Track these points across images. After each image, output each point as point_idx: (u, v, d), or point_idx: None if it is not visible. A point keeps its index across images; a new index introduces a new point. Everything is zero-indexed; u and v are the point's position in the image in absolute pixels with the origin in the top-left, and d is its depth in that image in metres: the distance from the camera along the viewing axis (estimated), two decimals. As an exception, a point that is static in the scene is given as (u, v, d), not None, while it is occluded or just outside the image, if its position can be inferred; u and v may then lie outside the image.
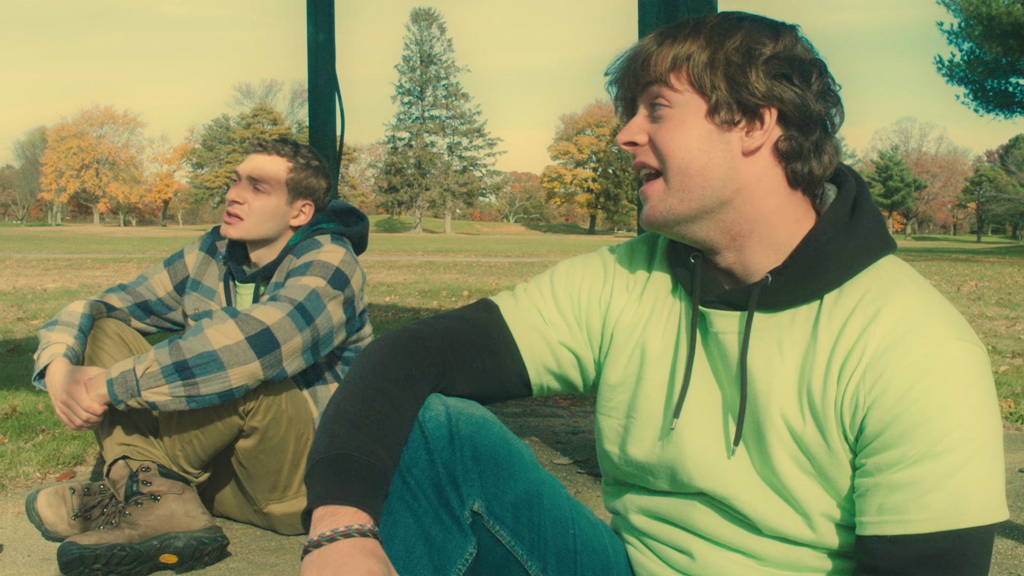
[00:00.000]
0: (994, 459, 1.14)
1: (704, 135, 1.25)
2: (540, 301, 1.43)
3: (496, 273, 18.48)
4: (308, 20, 4.68)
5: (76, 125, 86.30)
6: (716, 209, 1.26)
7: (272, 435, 2.53)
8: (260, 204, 2.66)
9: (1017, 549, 2.63)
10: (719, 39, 1.24)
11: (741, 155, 1.25)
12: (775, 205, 1.26)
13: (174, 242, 38.29)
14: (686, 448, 1.32)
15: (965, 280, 17.41)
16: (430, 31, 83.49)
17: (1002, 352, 6.79)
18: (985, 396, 1.15)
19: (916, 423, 1.13)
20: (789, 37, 1.25)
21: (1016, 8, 35.97)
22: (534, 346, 1.42)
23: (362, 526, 1.15)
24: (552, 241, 56.57)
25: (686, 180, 1.26)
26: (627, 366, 1.39)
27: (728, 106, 1.23)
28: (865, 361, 1.17)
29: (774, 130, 1.24)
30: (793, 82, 1.22)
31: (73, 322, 2.58)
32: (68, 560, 2.27)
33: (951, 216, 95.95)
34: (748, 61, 1.22)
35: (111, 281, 14.47)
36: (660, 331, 1.37)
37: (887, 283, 1.22)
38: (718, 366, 1.31)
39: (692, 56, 1.24)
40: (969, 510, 1.12)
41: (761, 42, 1.23)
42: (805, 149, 1.24)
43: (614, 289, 1.42)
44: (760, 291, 1.25)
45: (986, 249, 48.83)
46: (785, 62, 1.23)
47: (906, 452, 1.13)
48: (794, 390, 1.22)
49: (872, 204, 1.29)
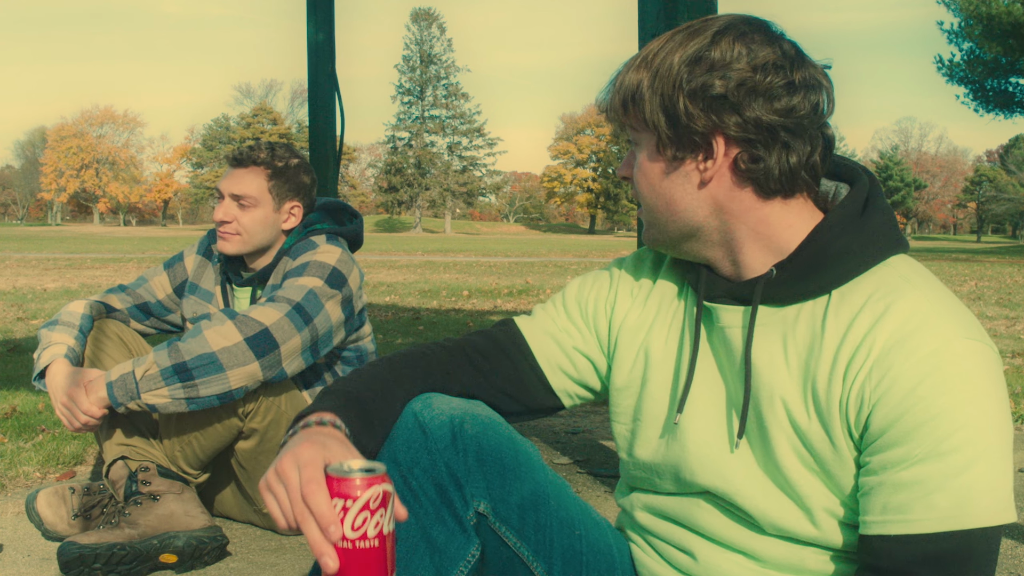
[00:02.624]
0: (1002, 460, 1.13)
1: (661, 171, 1.26)
2: (552, 311, 1.49)
3: (496, 273, 18.48)
4: (308, 20, 4.68)
5: (76, 125, 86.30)
6: (695, 234, 1.28)
7: (272, 436, 2.53)
8: (248, 218, 2.65)
9: (1017, 549, 2.63)
10: (655, 70, 1.22)
11: (701, 184, 1.24)
12: (758, 218, 1.25)
13: (174, 242, 38.29)
14: (689, 444, 1.32)
15: (965, 280, 17.40)
16: (430, 31, 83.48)
17: (1002, 352, 6.80)
18: (994, 396, 1.14)
19: (922, 421, 1.12)
20: (726, 43, 1.20)
21: (1016, 8, 35.96)
22: (548, 350, 1.46)
23: (321, 419, 1.22)
24: (552, 241, 56.57)
25: (656, 215, 1.30)
26: (632, 370, 1.40)
27: (672, 142, 1.23)
28: (872, 358, 1.15)
29: (730, 151, 1.22)
30: (734, 101, 1.18)
31: (73, 322, 2.58)
32: (68, 560, 2.27)
33: (951, 216, 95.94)
34: (679, 93, 1.20)
35: (111, 281, 14.47)
36: (664, 333, 1.38)
37: (897, 280, 1.20)
38: (723, 361, 1.31)
39: (635, 93, 1.24)
40: (975, 511, 1.11)
41: (695, 62, 1.19)
42: (769, 161, 1.21)
43: (618, 294, 1.45)
44: (765, 284, 1.25)
45: (986, 249, 48.82)
46: (725, 81, 1.18)
47: (911, 450, 1.12)
48: (799, 385, 1.22)
49: (885, 203, 1.28)
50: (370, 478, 1.04)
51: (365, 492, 1.02)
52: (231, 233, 2.65)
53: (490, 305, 10.94)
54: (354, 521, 1.02)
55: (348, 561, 1.03)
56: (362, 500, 1.02)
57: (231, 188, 2.64)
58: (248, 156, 2.65)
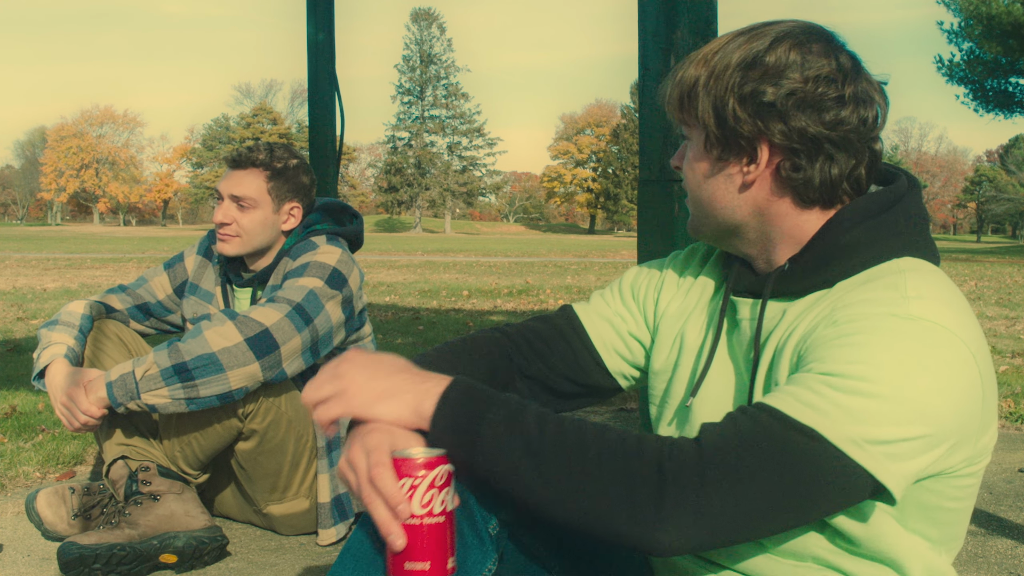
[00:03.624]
0: (897, 425, 1.08)
1: (708, 168, 1.29)
2: (609, 296, 1.54)
3: (496, 273, 18.47)
4: (308, 20, 4.68)
5: (76, 125, 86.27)
6: (735, 231, 1.31)
7: (271, 437, 2.52)
8: (248, 220, 2.64)
9: (1017, 549, 2.63)
10: (712, 68, 1.25)
11: (743, 186, 1.27)
12: (794, 223, 1.27)
13: (174, 242, 38.29)
14: (697, 424, 1.33)
15: (965, 280, 17.40)
16: (430, 31, 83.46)
17: (1002, 352, 6.79)
18: (932, 377, 1.10)
19: (841, 343, 1.12)
20: (782, 50, 1.21)
21: (1016, 8, 35.96)
22: (603, 333, 1.50)
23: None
24: (552, 241, 56.57)
25: (699, 207, 1.34)
26: (668, 355, 1.44)
27: (719, 142, 1.25)
28: (833, 308, 1.18)
29: (773, 159, 1.24)
30: (782, 109, 1.20)
31: (73, 322, 2.58)
32: (68, 560, 2.27)
33: (951, 216, 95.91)
34: (731, 95, 1.22)
35: (111, 281, 14.47)
36: (698, 323, 1.41)
37: (893, 274, 1.20)
38: (737, 353, 1.34)
39: (691, 90, 1.26)
40: (834, 426, 1.07)
41: (750, 66, 1.21)
42: (811, 171, 1.22)
43: (665, 282, 1.49)
44: (777, 278, 1.28)
45: (986, 249, 48.82)
46: (776, 89, 1.20)
47: (816, 360, 1.13)
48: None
49: (917, 208, 1.28)
50: (434, 458, 1.11)
51: (432, 470, 1.10)
52: (231, 235, 2.64)
53: (490, 305, 10.94)
54: (423, 498, 1.09)
55: (417, 537, 1.10)
56: (429, 477, 1.10)
57: (230, 189, 2.64)
58: (247, 157, 2.65)
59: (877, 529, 1.21)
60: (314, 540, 2.69)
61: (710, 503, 1.06)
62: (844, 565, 1.24)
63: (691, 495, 1.06)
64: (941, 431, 1.12)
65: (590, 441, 1.10)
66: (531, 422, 1.13)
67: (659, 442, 1.10)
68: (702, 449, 1.08)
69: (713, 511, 1.06)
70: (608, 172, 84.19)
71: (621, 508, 1.07)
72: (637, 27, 3.08)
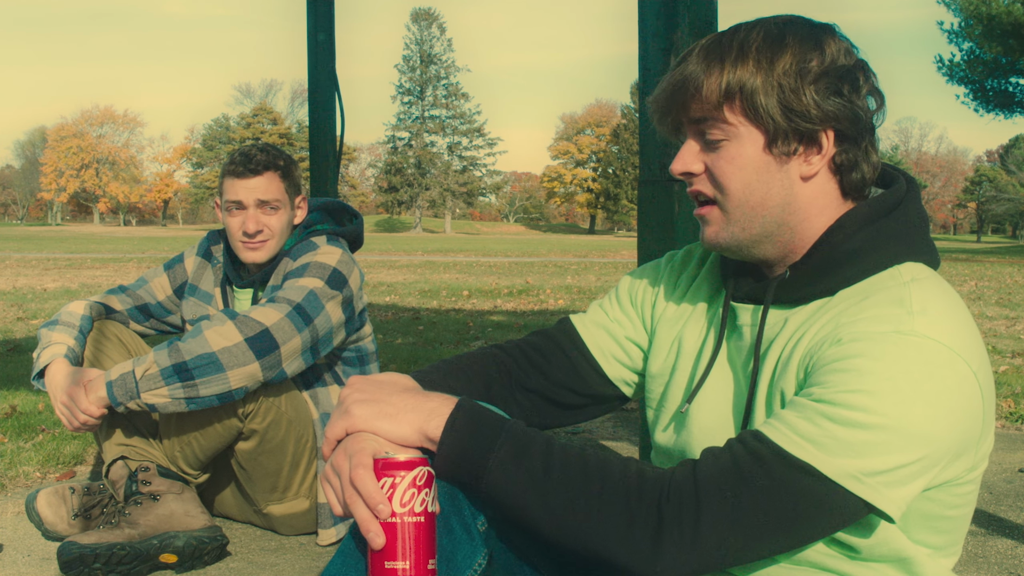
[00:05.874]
0: (892, 454, 1.09)
1: (762, 166, 1.25)
2: (606, 304, 1.53)
3: (496, 273, 18.47)
4: (308, 20, 4.68)
5: (76, 125, 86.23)
6: (775, 232, 1.28)
7: (272, 437, 2.53)
8: (276, 222, 2.65)
9: (1017, 549, 2.63)
10: (768, 62, 1.21)
11: (800, 180, 1.26)
12: (828, 218, 1.27)
13: (174, 242, 38.29)
14: (695, 431, 1.35)
15: (965, 280, 17.39)
16: (430, 31, 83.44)
17: (1002, 352, 6.79)
18: (929, 403, 1.10)
19: (840, 368, 1.12)
20: (833, 44, 1.23)
21: (1016, 8, 35.95)
22: (600, 340, 1.50)
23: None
24: (552, 241, 56.56)
25: (746, 211, 1.27)
26: (666, 358, 1.44)
27: (785, 136, 1.23)
28: (835, 324, 1.19)
29: (831, 148, 1.24)
30: (843, 95, 1.21)
31: (73, 323, 2.58)
32: (68, 559, 2.27)
33: (951, 216, 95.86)
34: (800, 86, 1.21)
35: (111, 281, 14.47)
36: (696, 327, 1.41)
37: (897, 286, 1.20)
38: (735, 359, 1.34)
39: (744, 85, 1.22)
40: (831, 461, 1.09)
41: (808, 59, 1.21)
42: (858, 159, 1.25)
43: (663, 285, 1.49)
44: (778, 286, 1.28)
45: (986, 249, 48.80)
46: (834, 77, 1.21)
47: (817, 386, 1.14)
48: (799, 385, 1.22)
49: (916, 210, 1.28)
50: (414, 459, 1.14)
51: (412, 470, 1.12)
52: (263, 240, 2.64)
53: (490, 305, 10.94)
54: (403, 497, 1.12)
55: (397, 535, 1.12)
56: (409, 477, 1.12)
57: (257, 195, 2.61)
58: (260, 162, 2.63)
59: (879, 537, 1.21)
60: (314, 540, 2.69)
61: (706, 541, 1.10)
62: (844, 569, 1.24)
63: (688, 533, 1.10)
64: (939, 451, 1.14)
65: (594, 476, 1.13)
66: (537, 456, 1.15)
67: (659, 481, 1.13)
68: (699, 487, 1.11)
69: (709, 547, 1.10)
70: (608, 172, 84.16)
71: (620, 545, 1.11)
72: (637, 27, 3.08)
